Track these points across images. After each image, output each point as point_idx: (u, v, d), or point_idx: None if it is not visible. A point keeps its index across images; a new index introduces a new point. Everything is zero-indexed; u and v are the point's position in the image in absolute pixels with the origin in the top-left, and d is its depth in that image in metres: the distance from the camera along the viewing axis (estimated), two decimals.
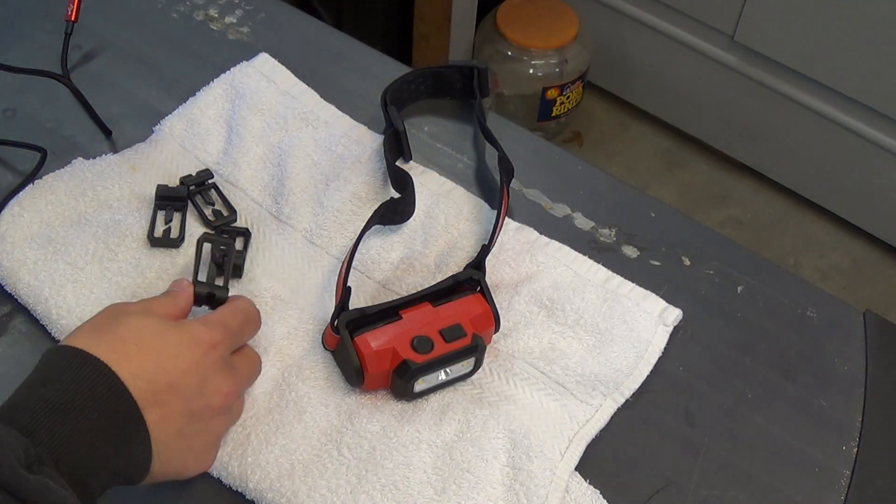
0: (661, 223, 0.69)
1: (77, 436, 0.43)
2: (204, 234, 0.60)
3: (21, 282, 0.59)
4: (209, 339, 0.50)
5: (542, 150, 0.74)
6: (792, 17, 1.46)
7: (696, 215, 1.34)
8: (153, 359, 0.47)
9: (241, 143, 0.69)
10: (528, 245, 0.65)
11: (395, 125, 0.69)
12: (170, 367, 0.47)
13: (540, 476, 0.53)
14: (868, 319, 0.65)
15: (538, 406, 0.58)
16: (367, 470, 0.53)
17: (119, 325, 0.48)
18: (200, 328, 0.50)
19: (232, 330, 0.52)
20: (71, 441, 0.43)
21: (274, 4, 0.82)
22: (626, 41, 1.73)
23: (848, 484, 0.57)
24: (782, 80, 1.56)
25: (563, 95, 1.68)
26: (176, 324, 0.50)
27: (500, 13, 1.65)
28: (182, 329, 0.49)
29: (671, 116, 1.80)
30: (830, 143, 1.57)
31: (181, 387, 0.47)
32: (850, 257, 1.69)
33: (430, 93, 0.75)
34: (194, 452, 0.50)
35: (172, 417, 0.47)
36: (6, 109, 0.71)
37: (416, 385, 0.55)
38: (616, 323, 0.61)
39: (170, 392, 0.47)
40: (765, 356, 0.63)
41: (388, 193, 0.67)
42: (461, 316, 0.57)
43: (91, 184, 0.65)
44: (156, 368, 0.47)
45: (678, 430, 0.59)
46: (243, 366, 0.53)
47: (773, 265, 0.68)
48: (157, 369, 0.47)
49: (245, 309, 0.54)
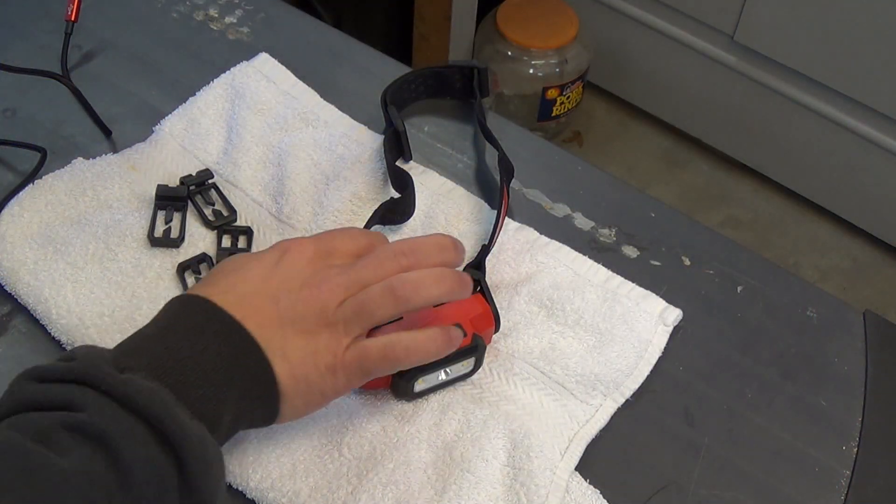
0: (661, 223, 0.69)
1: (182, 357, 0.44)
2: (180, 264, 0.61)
3: (21, 282, 0.59)
4: (294, 244, 0.51)
5: (542, 150, 0.74)
6: (792, 17, 1.46)
7: (696, 215, 1.34)
8: (239, 278, 0.49)
9: (241, 143, 0.69)
10: (528, 245, 0.65)
11: (395, 125, 0.69)
12: (255, 279, 0.49)
13: (540, 476, 0.53)
14: (868, 319, 0.65)
15: (538, 406, 0.58)
16: (367, 469, 0.53)
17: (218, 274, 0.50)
18: (285, 242, 0.52)
19: (320, 237, 0.52)
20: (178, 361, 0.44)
21: (274, 4, 0.82)
22: (626, 41, 1.74)
23: (848, 484, 0.57)
24: (782, 80, 1.56)
25: (563, 95, 1.68)
26: (263, 251, 0.52)
27: (500, 13, 1.65)
28: (272, 248, 0.51)
29: (671, 116, 1.80)
30: (830, 143, 1.57)
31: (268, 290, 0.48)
32: (850, 257, 1.69)
33: (430, 93, 0.75)
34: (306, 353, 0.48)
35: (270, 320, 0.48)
36: (6, 109, 0.71)
37: (416, 385, 0.55)
38: (616, 323, 0.61)
39: (258, 297, 0.48)
40: (765, 356, 0.63)
41: (388, 193, 0.67)
42: (461, 316, 0.57)
43: (91, 184, 0.65)
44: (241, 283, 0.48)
45: (678, 430, 0.59)
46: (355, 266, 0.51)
47: (773, 265, 0.68)
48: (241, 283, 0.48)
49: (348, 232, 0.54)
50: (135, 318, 0.59)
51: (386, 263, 0.51)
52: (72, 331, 0.58)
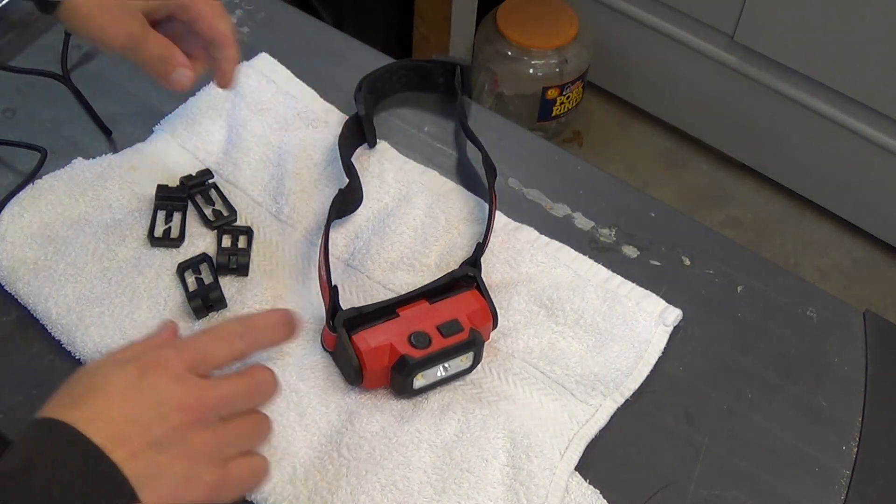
0: (661, 223, 0.69)
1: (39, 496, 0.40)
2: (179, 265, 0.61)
3: (21, 281, 0.59)
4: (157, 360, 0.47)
5: (542, 150, 0.74)
6: (792, 17, 1.46)
7: (696, 215, 1.34)
8: (102, 399, 0.45)
9: (241, 143, 0.69)
10: (528, 245, 0.65)
11: (358, 109, 0.69)
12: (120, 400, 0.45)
13: (540, 476, 0.53)
14: (868, 319, 0.65)
15: (538, 406, 0.58)
16: (367, 470, 0.53)
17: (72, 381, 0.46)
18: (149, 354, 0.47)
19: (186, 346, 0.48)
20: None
21: (274, 4, 0.82)
22: (626, 41, 1.73)
23: (848, 484, 0.57)
24: (782, 80, 1.56)
25: (563, 95, 1.68)
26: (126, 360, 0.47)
27: (500, 13, 1.65)
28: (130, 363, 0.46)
29: (671, 116, 1.80)
30: (830, 143, 1.57)
31: (137, 416, 0.45)
32: (850, 257, 1.69)
33: (411, 86, 0.75)
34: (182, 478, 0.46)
35: (141, 449, 0.44)
36: (6, 109, 0.71)
37: (416, 381, 0.55)
38: (616, 323, 0.61)
39: (128, 424, 0.44)
40: (765, 356, 0.63)
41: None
42: (458, 312, 0.57)
43: (91, 184, 0.65)
44: (107, 406, 0.44)
45: (678, 430, 0.59)
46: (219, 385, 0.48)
47: (773, 265, 0.68)
48: (108, 407, 0.44)
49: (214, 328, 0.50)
50: (134, 317, 0.59)
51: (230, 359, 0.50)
52: (72, 331, 0.58)
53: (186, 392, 0.46)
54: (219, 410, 0.48)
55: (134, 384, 0.45)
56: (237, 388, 0.49)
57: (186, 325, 0.59)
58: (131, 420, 0.44)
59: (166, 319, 0.55)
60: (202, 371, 0.48)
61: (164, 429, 0.45)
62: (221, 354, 0.49)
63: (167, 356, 0.47)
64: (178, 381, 0.47)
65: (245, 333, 0.50)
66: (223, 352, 0.49)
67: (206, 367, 0.48)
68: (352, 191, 0.65)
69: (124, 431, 0.44)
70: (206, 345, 0.49)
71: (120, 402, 0.45)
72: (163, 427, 0.45)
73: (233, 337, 0.50)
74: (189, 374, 0.47)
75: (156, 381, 0.46)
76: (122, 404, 0.45)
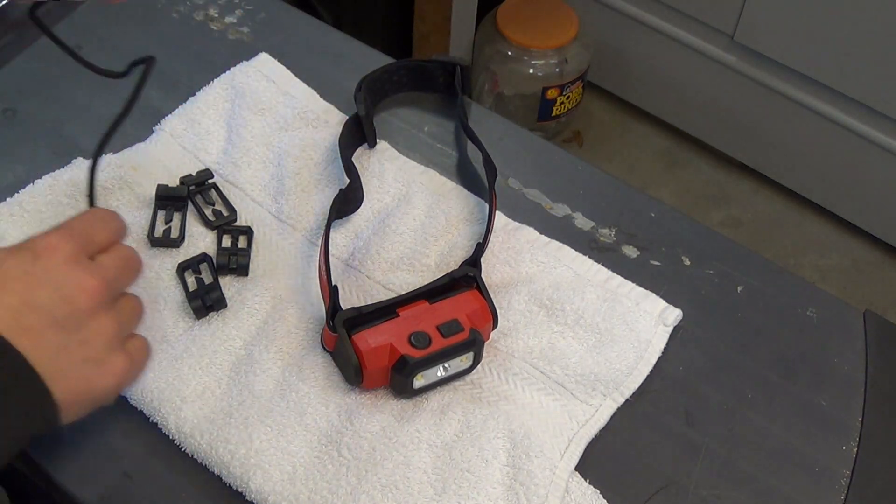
0: (661, 223, 0.69)
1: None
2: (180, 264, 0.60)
3: None
4: (48, 244, 0.45)
5: (542, 150, 0.74)
6: (792, 17, 1.46)
7: (696, 215, 1.34)
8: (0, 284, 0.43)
9: (241, 143, 0.69)
10: (529, 245, 0.65)
11: (358, 109, 0.69)
12: (18, 287, 0.43)
13: (540, 476, 0.53)
14: (868, 319, 0.65)
15: (538, 406, 0.58)
16: (367, 470, 0.53)
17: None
18: (41, 238, 0.46)
19: (73, 228, 0.48)
20: None
21: (274, 4, 0.82)
22: (626, 41, 1.73)
23: (848, 484, 0.57)
24: (782, 80, 1.56)
25: (563, 95, 1.68)
26: (17, 245, 0.46)
27: (500, 13, 1.65)
28: (21, 248, 0.45)
29: (671, 116, 1.80)
30: (830, 143, 1.57)
31: (39, 302, 0.43)
32: (850, 257, 1.69)
33: (411, 85, 0.75)
34: (92, 364, 0.45)
35: (45, 336, 0.43)
36: (6, 109, 0.71)
37: (416, 381, 0.55)
38: (616, 323, 0.61)
39: (32, 311, 0.43)
40: (765, 356, 0.63)
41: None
42: (458, 311, 0.57)
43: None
44: (4, 293, 0.43)
45: (678, 430, 0.59)
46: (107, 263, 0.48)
47: (773, 265, 0.68)
48: (6, 293, 0.43)
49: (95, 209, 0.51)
50: None
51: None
52: None
53: (85, 273, 0.45)
54: (112, 291, 0.47)
55: (28, 269, 0.44)
56: (119, 266, 0.49)
57: (186, 325, 0.59)
58: (31, 305, 0.43)
59: None
60: (90, 252, 0.48)
61: (68, 310, 0.44)
62: (106, 235, 0.49)
63: (57, 239, 0.46)
64: (74, 263, 0.46)
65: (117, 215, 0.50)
66: (106, 232, 0.49)
67: (93, 249, 0.48)
68: (352, 191, 0.65)
69: (27, 317, 0.42)
70: (91, 226, 0.48)
71: (17, 287, 0.43)
72: (66, 309, 0.44)
73: (109, 217, 0.50)
74: (82, 255, 0.46)
75: (51, 264, 0.45)
76: (19, 291, 0.43)
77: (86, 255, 0.47)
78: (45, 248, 0.45)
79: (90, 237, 0.48)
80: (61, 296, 0.44)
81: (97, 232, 0.49)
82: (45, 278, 0.44)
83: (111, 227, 0.50)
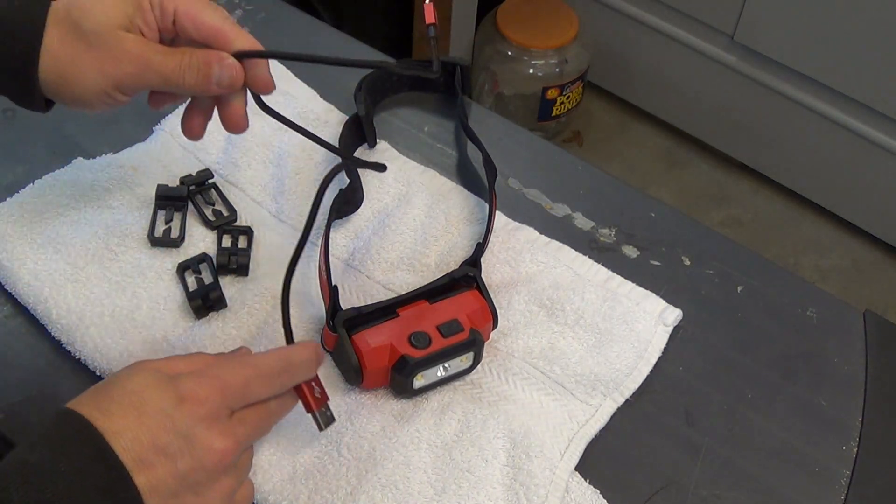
0: (661, 223, 0.69)
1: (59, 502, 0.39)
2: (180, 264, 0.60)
3: (21, 281, 0.59)
4: (196, 394, 0.45)
5: (542, 150, 0.74)
6: (792, 17, 1.46)
7: (696, 215, 1.33)
8: (134, 415, 0.43)
9: (241, 143, 0.69)
10: (529, 245, 0.65)
11: (358, 109, 0.69)
12: (153, 424, 0.43)
13: (540, 476, 0.53)
14: (868, 319, 0.65)
15: (538, 406, 0.58)
16: (367, 470, 0.53)
17: (111, 382, 0.45)
18: (190, 381, 0.46)
19: (228, 385, 0.47)
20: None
21: (274, 4, 0.82)
22: (626, 41, 1.73)
23: (848, 484, 0.57)
24: (782, 80, 1.56)
25: (563, 95, 1.68)
26: (165, 378, 0.45)
27: (500, 13, 1.65)
28: (169, 384, 0.45)
29: (671, 116, 1.80)
30: (830, 143, 1.57)
31: (166, 446, 0.43)
32: (850, 257, 1.69)
33: (411, 85, 0.75)
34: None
35: (164, 481, 0.43)
36: (6, 109, 0.71)
37: (416, 381, 0.55)
38: (616, 323, 0.61)
39: (156, 452, 0.43)
40: (765, 356, 0.63)
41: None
42: (458, 312, 0.57)
43: (91, 184, 0.65)
44: (138, 426, 0.43)
45: (678, 430, 0.59)
46: (247, 420, 0.48)
47: (773, 265, 0.68)
48: (139, 427, 0.43)
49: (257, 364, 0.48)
50: (135, 317, 0.59)
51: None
52: (72, 331, 0.58)
53: (220, 435, 0.45)
54: (242, 449, 0.47)
55: (169, 411, 0.44)
56: (258, 424, 0.48)
57: (186, 325, 0.59)
58: (160, 449, 0.43)
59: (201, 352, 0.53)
60: (237, 407, 0.47)
61: (193, 466, 0.44)
62: (262, 394, 0.48)
63: (209, 390, 0.45)
64: (213, 420, 0.45)
65: (283, 371, 0.49)
66: (264, 392, 0.48)
67: (243, 404, 0.48)
68: (352, 191, 0.65)
69: (150, 458, 0.43)
70: (249, 383, 0.47)
71: (151, 426, 0.43)
72: (191, 464, 0.44)
73: (273, 376, 0.48)
74: (224, 413, 0.46)
75: (191, 416, 0.44)
76: (152, 429, 0.43)
77: (229, 413, 0.46)
78: (190, 397, 0.45)
79: (243, 396, 0.47)
80: (190, 450, 0.44)
81: (252, 392, 0.48)
82: (181, 427, 0.44)
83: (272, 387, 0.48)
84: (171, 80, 0.50)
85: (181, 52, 0.50)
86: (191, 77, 0.50)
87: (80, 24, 0.49)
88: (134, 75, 0.50)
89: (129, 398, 0.44)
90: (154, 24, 0.50)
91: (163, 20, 0.51)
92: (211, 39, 0.51)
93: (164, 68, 0.50)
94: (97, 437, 0.42)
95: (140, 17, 0.50)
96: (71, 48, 0.49)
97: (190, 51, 0.51)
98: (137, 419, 0.43)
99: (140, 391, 0.44)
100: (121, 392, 0.44)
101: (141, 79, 0.50)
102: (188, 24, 0.51)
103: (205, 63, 0.50)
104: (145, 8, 0.50)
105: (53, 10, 0.49)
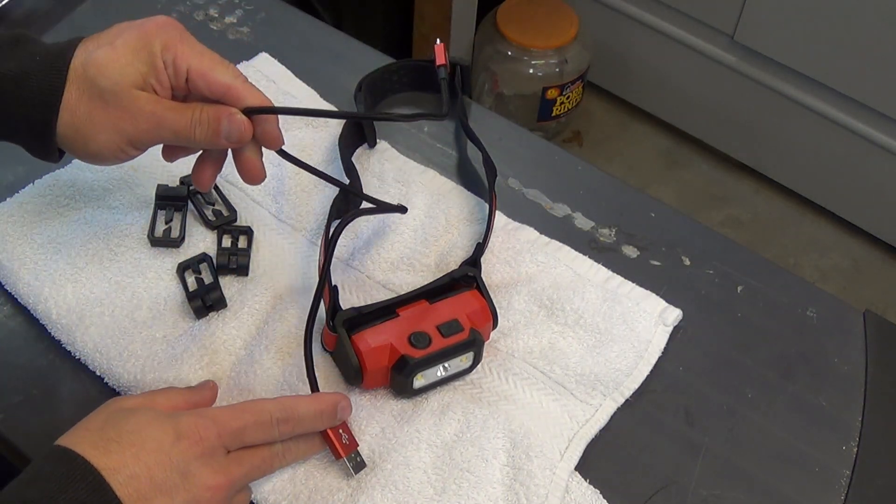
0: (661, 223, 0.69)
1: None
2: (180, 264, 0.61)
3: (21, 281, 0.59)
4: (194, 432, 0.47)
5: (542, 150, 0.74)
6: (792, 17, 1.46)
7: (696, 215, 1.33)
8: (132, 452, 0.45)
9: None
10: (529, 245, 0.65)
11: (358, 109, 0.69)
12: (150, 461, 0.45)
13: (540, 476, 0.53)
14: (868, 319, 0.65)
15: (538, 406, 0.58)
16: (366, 470, 0.53)
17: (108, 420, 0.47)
18: (188, 420, 0.47)
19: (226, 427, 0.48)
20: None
21: (274, 4, 0.82)
22: (626, 41, 1.73)
23: (848, 484, 0.57)
24: (782, 80, 1.56)
25: (563, 95, 1.68)
26: (164, 416, 0.47)
27: (500, 13, 1.65)
28: (168, 421, 0.47)
29: (671, 116, 1.80)
30: (830, 143, 1.57)
31: (163, 482, 0.45)
32: (850, 257, 1.69)
33: (412, 85, 0.75)
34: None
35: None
36: None
37: (416, 381, 0.55)
38: (616, 323, 0.61)
39: (153, 488, 0.44)
40: (765, 356, 0.63)
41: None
42: (458, 312, 0.57)
43: (91, 184, 0.65)
44: (135, 462, 0.44)
45: (678, 430, 0.59)
46: (243, 461, 0.49)
47: (773, 265, 0.68)
48: (136, 463, 0.44)
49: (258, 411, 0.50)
50: (135, 317, 0.59)
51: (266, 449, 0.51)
52: (72, 331, 0.58)
53: (214, 472, 0.47)
54: (236, 488, 0.49)
55: (167, 448, 0.46)
56: (253, 467, 0.50)
57: (186, 325, 0.59)
58: (156, 485, 0.45)
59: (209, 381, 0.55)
60: (233, 448, 0.49)
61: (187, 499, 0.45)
62: (257, 439, 0.50)
63: (206, 430, 0.47)
64: (209, 458, 0.47)
65: (283, 422, 0.50)
66: (259, 438, 0.50)
67: (239, 446, 0.49)
68: (350, 193, 0.64)
69: (147, 493, 0.44)
70: (246, 428, 0.49)
71: (149, 462, 0.45)
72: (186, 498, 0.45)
73: (272, 425, 0.50)
74: (220, 452, 0.48)
75: (188, 453, 0.46)
76: (150, 466, 0.45)
77: (224, 451, 0.48)
78: (189, 434, 0.47)
79: (240, 440, 0.49)
80: (186, 485, 0.46)
81: (249, 437, 0.49)
82: (177, 464, 0.46)
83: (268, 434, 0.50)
84: (182, 135, 0.52)
85: (192, 108, 0.52)
86: (201, 132, 0.52)
87: (96, 81, 0.50)
88: (148, 132, 0.51)
89: (129, 437, 0.45)
90: (167, 83, 0.52)
91: (176, 79, 0.52)
92: (222, 96, 0.52)
93: (176, 125, 0.51)
94: (94, 474, 0.43)
95: (154, 76, 0.51)
96: (88, 105, 0.50)
97: (200, 106, 0.52)
98: (135, 456, 0.45)
99: (139, 430, 0.46)
100: (118, 431, 0.46)
101: (154, 135, 0.52)
102: (200, 83, 0.52)
103: (214, 118, 0.51)
104: (159, 68, 0.51)
105: (72, 67, 0.50)
